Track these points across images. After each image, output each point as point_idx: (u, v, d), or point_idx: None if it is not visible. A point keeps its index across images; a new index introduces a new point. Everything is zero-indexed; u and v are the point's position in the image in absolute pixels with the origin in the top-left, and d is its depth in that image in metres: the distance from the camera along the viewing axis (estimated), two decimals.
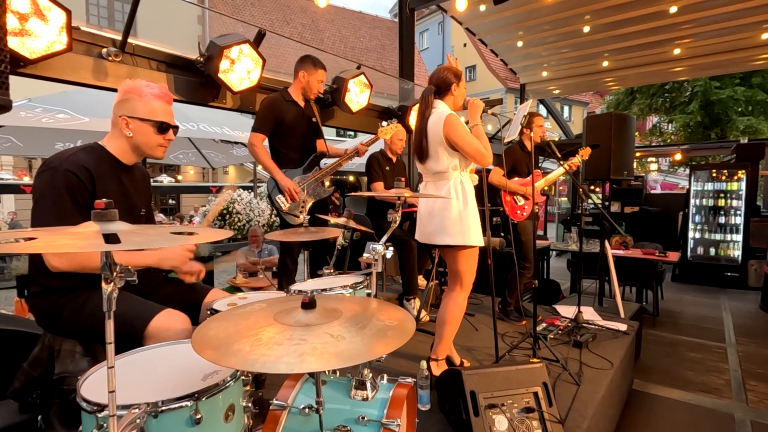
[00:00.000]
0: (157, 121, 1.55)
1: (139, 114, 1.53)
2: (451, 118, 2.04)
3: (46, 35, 2.00)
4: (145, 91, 1.54)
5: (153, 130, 1.55)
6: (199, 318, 1.71)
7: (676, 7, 4.87)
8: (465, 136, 2.02)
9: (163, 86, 1.60)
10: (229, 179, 15.66)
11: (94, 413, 0.89)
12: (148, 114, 1.54)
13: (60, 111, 3.54)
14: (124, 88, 1.54)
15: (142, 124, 1.54)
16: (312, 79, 2.76)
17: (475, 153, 2.03)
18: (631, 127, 3.61)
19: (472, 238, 2.05)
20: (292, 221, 2.72)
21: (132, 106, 1.52)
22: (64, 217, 1.38)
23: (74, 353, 1.52)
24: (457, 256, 2.10)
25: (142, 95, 1.53)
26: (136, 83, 1.54)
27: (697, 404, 2.84)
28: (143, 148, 1.57)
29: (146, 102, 1.53)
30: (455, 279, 2.16)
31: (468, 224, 2.04)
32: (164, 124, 1.57)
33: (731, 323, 4.63)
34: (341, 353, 0.82)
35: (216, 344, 0.87)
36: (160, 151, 1.61)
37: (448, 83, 2.12)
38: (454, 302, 2.14)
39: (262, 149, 2.71)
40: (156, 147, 1.59)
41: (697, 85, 11.79)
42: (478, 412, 1.61)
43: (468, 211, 2.05)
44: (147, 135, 1.55)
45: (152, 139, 1.56)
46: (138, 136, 1.55)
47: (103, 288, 0.74)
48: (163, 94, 1.58)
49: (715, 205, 6.70)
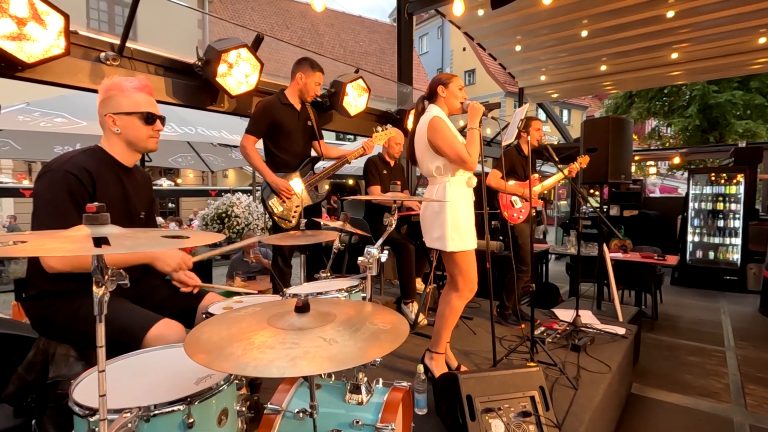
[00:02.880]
0: (142, 112, 1.55)
1: (124, 108, 1.53)
2: (435, 121, 2.06)
3: (44, 39, 2.01)
4: (125, 86, 1.54)
5: (140, 122, 1.55)
6: (194, 322, 1.71)
7: (674, 11, 4.90)
8: (447, 140, 2.03)
9: (142, 78, 1.60)
10: (228, 182, 15.67)
11: (85, 417, 0.89)
12: (133, 107, 1.54)
13: (58, 115, 3.55)
14: (104, 87, 1.54)
15: (129, 117, 1.54)
16: (309, 82, 2.75)
17: (455, 157, 2.03)
18: (629, 130, 3.62)
19: (448, 243, 2.05)
20: (285, 225, 2.71)
21: (116, 103, 1.53)
22: (62, 218, 1.37)
23: (68, 357, 1.51)
24: (444, 259, 2.15)
25: (123, 90, 1.53)
26: (114, 80, 1.55)
27: (695, 408, 2.83)
28: (135, 141, 1.57)
29: (128, 96, 1.53)
30: (448, 280, 2.20)
31: (445, 228, 2.05)
32: (150, 115, 1.56)
33: (730, 327, 4.62)
34: (334, 357, 0.82)
35: (209, 348, 0.86)
36: (151, 143, 1.60)
37: (434, 87, 2.17)
38: (446, 302, 2.16)
39: (254, 151, 2.69)
40: (147, 139, 1.58)
41: (695, 88, 11.83)
42: (474, 416, 1.61)
43: (447, 215, 2.05)
44: (135, 128, 1.55)
45: (141, 131, 1.56)
46: (127, 131, 1.55)
47: (95, 291, 0.74)
48: (143, 86, 1.58)
49: (714, 209, 6.71)
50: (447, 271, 2.19)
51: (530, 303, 2.60)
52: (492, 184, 3.13)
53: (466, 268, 2.11)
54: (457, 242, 2.06)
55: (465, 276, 2.12)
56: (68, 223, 1.35)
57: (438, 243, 2.09)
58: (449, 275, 2.17)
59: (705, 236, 6.77)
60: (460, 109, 2.19)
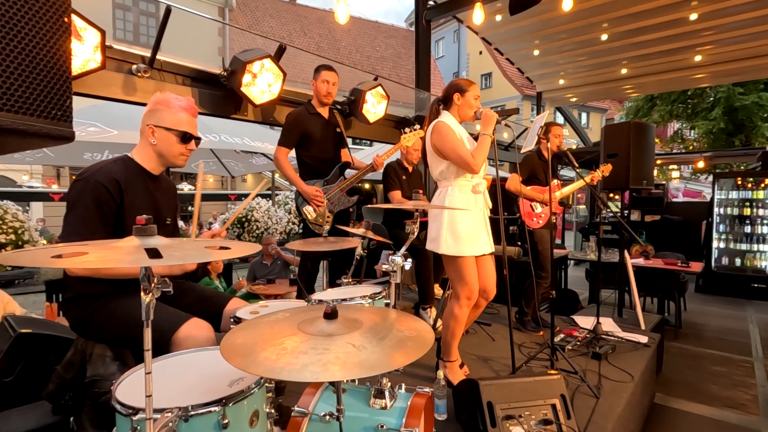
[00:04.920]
0: (180, 131, 1.63)
1: (165, 123, 1.61)
2: (438, 125, 2.08)
3: (81, 54, 2.11)
4: (173, 103, 1.62)
5: (176, 140, 1.63)
6: (220, 325, 1.77)
7: (697, 14, 4.80)
8: (449, 143, 2.04)
9: (191, 100, 1.69)
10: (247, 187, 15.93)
11: (129, 416, 0.94)
12: (174, 124, 1.62)
13: (91, 124, 3.71)
14: (154, 99, 1.63)
15: (167, 133, 1.62)
16: (318, 84, 2.85)
17: (458, 159, 2.04)
18: (651, 136, 3.57)
19: (442, 245, 2.06)
20: (319, 231, 2.78)
21: (159, 116, 1.61)
22: (87, 224, 1.47)
23: (105, 357, 1.59)
24: (444, 264, 2.17)
25: (170, 106, 1.62)
26: (165, 95, 1.64)
27: (722, 420, 2.76)
28: (166, 155, 1.65)
29: (173, 113, 1.62)
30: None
31: (441, 231, 2.07)
32: (187, 134, 1.65)
33: (758, 336, 4.48)
34: (363, 363, 0.85)
35: (244, 352, 0.91)
36: (181, 160, 1.68)
37: (450, 93, 2.18)
38: (449, 311, 2.15)
39: (286, 162, 2.80)
40: (178, 155, 1.66)
41: (720, 91, 11.50)
42: (495, 422, 1.62)
43: (444, 218, 2.07)
44: (170, 144, 1.63)
45: (174, 148, 1.64)
46: (161, 144, 1.63)
47: (142, 298, 0.79)
48: (189, 107, 1.67)
49: (740, 214, 6.52)
50: (448, 278, 2.19)
51: (550, 309, 2.58)
52: (511, 189, 3.13)
53: (464, 274, 2.08)
54: (451, 246, 2.06)
55: (463, 283, 2.09)
56: (91, 229, 1.46)
57: (433, 245, 2.12)
58: (450, 282, 2.18)
59: (731, 242, 6.58)
60: (473, 117, 2.20)
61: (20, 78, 0.53)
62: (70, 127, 0.59)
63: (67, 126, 0.58)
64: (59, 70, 0.57)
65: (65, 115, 0.57)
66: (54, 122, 0.55)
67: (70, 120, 0.58)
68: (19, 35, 0.51)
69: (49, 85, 0.55)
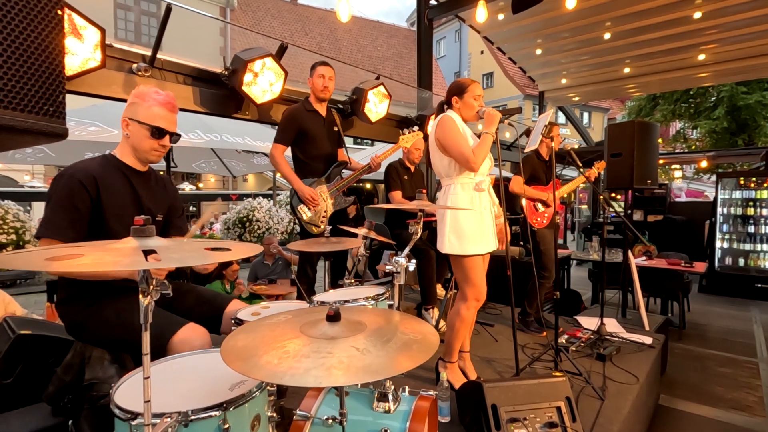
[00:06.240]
0: (152, 125, 1.58)
1: (139, 117, 1.57)
2: (444, 119, 2.07)
3: (81, 53, 2.09)
4: (150, 96, 1.58)
5: (147, 134, 1.58)
6: (221, 327, 1.75)
7: (701, 12, 4.77)
8: (452, 138, 2.03)
9: (170, 95, 1.63)
10: (248, 187, 15.93)
11: (127, 421, 0.92)
12: (147, 118, 1.57)
13: (92, 124, 3.69)
14: (133, 92, 1.60)
15: (139, 126, 1.58)
16: (314, 79, 2.82)
17: (458, 155, 2.02)
18: (655, 135, 3.54)
19: (445, 244, 2.05)
20: (313, 231, 2.75)
21: (135, 109, 1.58)
22: (59, 217, 1.46)
23: (103, 360, 1.57)
24: (451, 264, 2.16)
25: (145, 99, 1.57)
26: (144, 88, 1.60)
27: (727, 422, 2.73)
28: (138, 149, 1.61)
29: (147, 107, 1.57)
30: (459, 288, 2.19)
31: (444, 230, 2.05)
32: (159, 130, 1.59)
33: (763, 337, 4.45)
34: (368, 367, 0.83)
35: (245, 355, 0.89)
36: (153, 156, 1.63)
37: (449, 98, 2.19)
38: (455, 311, 2.13)
39: (282, 159, 2.76)
40: (149, 151, 1.61)
41: (723, 90, 11.45)
42: (500, 425, 1.59)
43: (447, 217, 2.05)
44: (141, 138, 1.59)
45: (145, 143, 1.59)
46: (134, 138, 1.59)
47: (141, 301, 0.77)
48: (166, 102, 1.60)
49: (744, 214, 6.48)
50: (455, 278, 2.17)
51: (553, 310, 2.56)
52: (516, 190, 3.11)
53: (470, 274, 2.07)
54: (455, 246, 2.04)
55: (470, 283, 2.08)
56: (61, 221, 1.45)
57: (439, 244, 2.11)
58: (457, 282, 2.16)
59: (735, 242, 6.54)
60: (475, 117, 2.18)
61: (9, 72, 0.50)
62: (63, 124, 0.57)
63: (60, 122, 0.56)
64: (51, 64, 0.54)
65: (57, 111, 0.54)
66: (46, 118, 0.53)
67: (63, 116, 0.56)
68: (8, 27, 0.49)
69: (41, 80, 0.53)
